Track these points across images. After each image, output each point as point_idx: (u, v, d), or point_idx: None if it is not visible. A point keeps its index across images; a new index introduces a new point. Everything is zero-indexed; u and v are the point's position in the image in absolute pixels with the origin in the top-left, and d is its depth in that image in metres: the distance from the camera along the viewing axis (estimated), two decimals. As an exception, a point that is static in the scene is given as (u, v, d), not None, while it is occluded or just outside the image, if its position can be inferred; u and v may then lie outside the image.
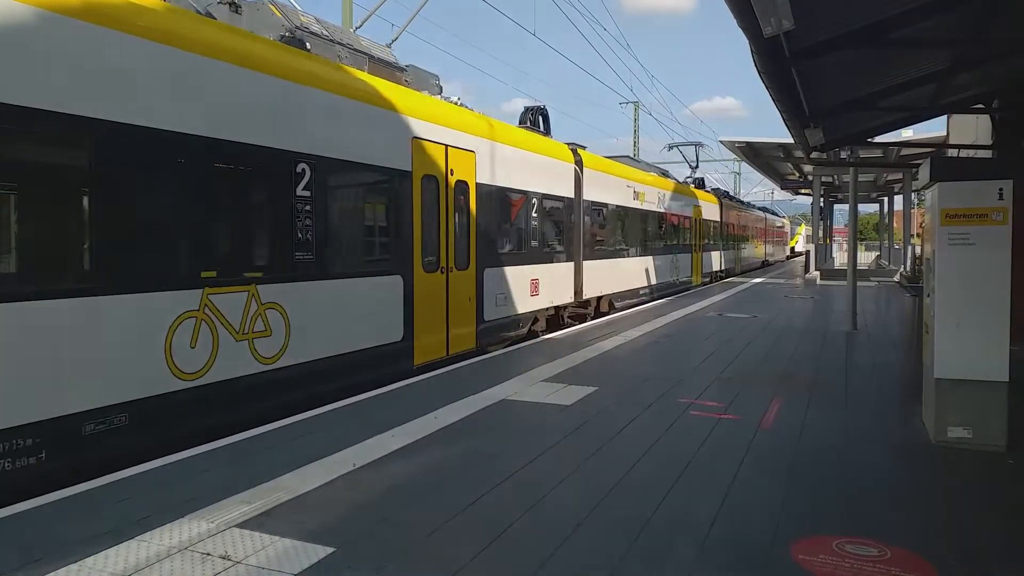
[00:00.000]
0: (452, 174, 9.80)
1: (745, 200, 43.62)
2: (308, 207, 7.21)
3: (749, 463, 5.34)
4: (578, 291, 14.58)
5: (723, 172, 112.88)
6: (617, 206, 16.96)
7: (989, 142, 11.65)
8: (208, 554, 3.76)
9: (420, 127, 9.14)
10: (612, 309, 16.63)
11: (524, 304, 12.12)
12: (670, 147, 31.94)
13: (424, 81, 10.37)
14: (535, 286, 12.46)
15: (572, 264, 14.29)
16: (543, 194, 12.83)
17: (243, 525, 4.12)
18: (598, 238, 15.80)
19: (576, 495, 4.68)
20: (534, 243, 12.54)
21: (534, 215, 12.49)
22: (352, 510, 4.40)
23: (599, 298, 15.96)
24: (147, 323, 5.70)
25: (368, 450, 5.56)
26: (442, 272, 9.57)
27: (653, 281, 19.97)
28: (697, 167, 30.51)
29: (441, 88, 10.88)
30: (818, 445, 5.85)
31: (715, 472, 5.13)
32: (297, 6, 8.45)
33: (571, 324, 14.04)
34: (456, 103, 10.98)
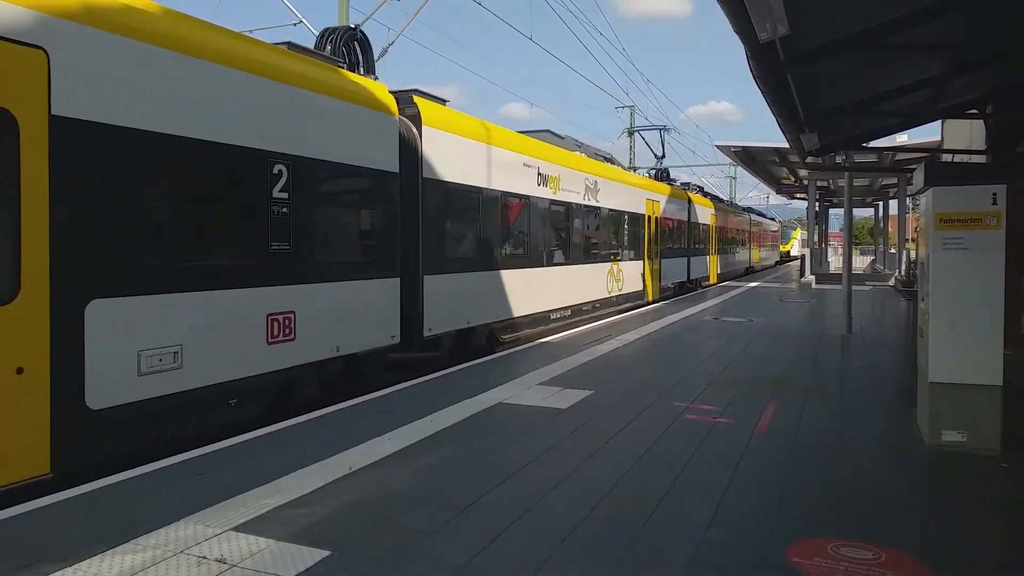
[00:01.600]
0: None
1: (726, 198, 40.80)
2: None
3: (744, 466, 5.35)
4: (415, 325, 9.35)
5: (719, 176, 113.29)
6: (504, 192, 11.79)
7: (983, 147, 11.71)
8: (204, 557, 3.76)
9: None
10: (497, 344, 11.60)
11: (247, 362, 6.73)
12: (630, 132, 27.27)
13: None
14: (283, 326, 7.13)
15: (396, 281, 8.97)
16: (311, 159, 7.51)
17: (239, 528, 4.12)
18: (462, 240, 10.80)
19: (572, 498, 4.68)
20: (280, 247, 7.12)
21: (280, 195, 7.11)
22: (348, 513, 4.40)
23: (468, 331, 10.75)
24: None
25: (364, 453, 5.56)
26: None
27: (574, 299, 14.92)
28: (663, 156, 26.00)
29: None
30: (813, 448, 5.87)
31: (711, 475, 5.14)
32: None
33: (395, 381, 8.48)
34: None
